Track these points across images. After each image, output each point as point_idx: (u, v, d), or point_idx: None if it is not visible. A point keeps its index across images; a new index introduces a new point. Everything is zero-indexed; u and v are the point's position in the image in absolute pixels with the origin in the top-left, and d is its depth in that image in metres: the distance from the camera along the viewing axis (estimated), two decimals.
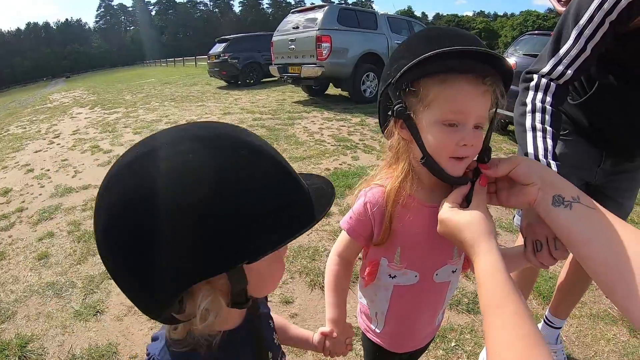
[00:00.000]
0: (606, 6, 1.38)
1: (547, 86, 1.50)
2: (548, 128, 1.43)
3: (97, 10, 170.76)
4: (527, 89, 1.55)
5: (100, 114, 12.24)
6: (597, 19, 1.41)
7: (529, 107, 1.50)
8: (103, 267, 3.53)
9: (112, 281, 3.34)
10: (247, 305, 0.83)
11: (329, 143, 7.58)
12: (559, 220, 0.99)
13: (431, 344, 2.73)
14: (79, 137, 8.94)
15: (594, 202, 0.99)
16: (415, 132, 1.04)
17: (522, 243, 1.16)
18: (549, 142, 1.40)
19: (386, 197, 1.17)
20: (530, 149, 1.39)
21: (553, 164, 1.34)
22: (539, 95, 1.50)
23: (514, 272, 2.44)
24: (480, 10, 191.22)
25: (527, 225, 1.16)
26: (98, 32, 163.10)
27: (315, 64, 10.95)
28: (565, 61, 1.50)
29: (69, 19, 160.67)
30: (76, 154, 7.55)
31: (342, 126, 8.97)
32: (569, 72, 1.50)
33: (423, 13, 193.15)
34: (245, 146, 0.75)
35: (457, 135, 1.01)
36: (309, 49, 11.10)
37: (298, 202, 0.78)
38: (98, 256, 3.73)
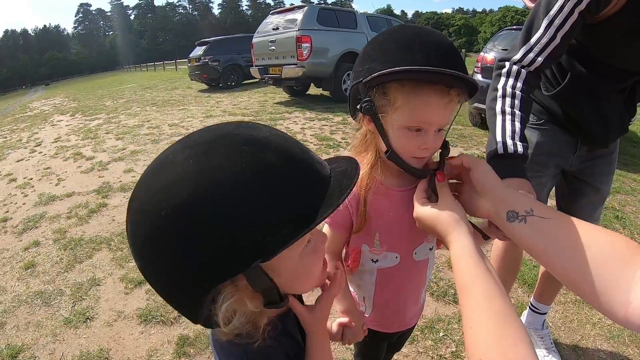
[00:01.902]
0: None
1: (518, 73, 1.56)
2: (517, 112, 1.49)
3: (76, 16, 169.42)
4: (499, 75, 1.61)
5: (82, 120, 12.18)
6: (566, 9, 1.47)
7: (499, 92, 1.56)
8: (91, 274, 3.60)
9: (100, 287, 3.42)
10: (283, 304, 0.82)
11: (311, 142, 7.63)
12: (516, 234, 1.03)
13: (420, 335, 2.79)
14: (61, 145, 8.90)
15: (549, 210, 1.02)
16: (381, 129, 1.11)
17: None
18: (517, 125, 1.46)
19: (358, 184, 1.21)
20: (499, 131, 1.44)
21: (519, 144, 1.39)
22: (510, 81, 1.55)
23: (498, 262, 2.50)
24: (459, 7, 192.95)
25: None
26: (77, 37, 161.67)
27: (296, 64, 10.98)
28: (536, 49, 1.56)
29: (47, 26, 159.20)
30: (59, 162, 7.52)
31: (324, 125, 9.03)
32: (540, 59, 1.56)
33: (402, 11, 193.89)
34: (247, 142, 0.73)
35: (419, 140, 1.08)
36: (289, 49, 11.12)
37: (311, 192, 0.76)
38: (85, 263, 3.81)
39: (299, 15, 11.32)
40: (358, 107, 1.10)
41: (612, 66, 1.75)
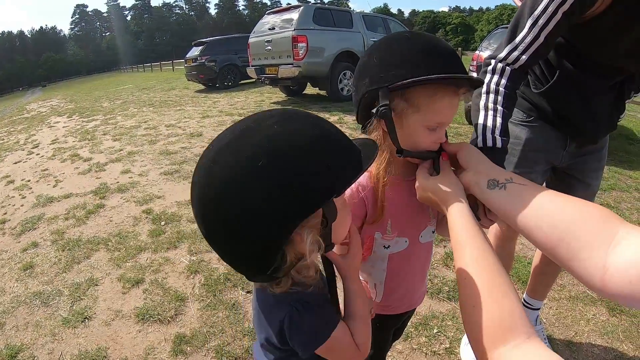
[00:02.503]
0: None
1: (503, 70, 1.59)
2: (499, 108, 1.52)
3: (72, 17, 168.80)
4: (485, 72, 1.64)
5: (79, 122, 12.19)
6: (550, 9, 1.50)
7: (484, 89, 1.59)
8: (89, 274, 3.59)
9: (98, 287, 3.43)
10: (332, 247, 1.01)
11: None
12: (495, 200, 1.12)
13: (414, 332, 2.83)
14: (58, 146, 8.92)
15: (527, 180, 1.11)
16: (393, 132, 1.17)
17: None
18: (499, 120, 1.49)
19: (374, 180, 1.33)
20: (480, 126, 1.49)
21: (499, 139, 1.43)
22: (495, 78, 1.58)
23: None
24: (456, 6, 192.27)
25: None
26: (73, 39, 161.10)
27: (292, 64, 11.01)
28: (521, 48, 1.60)
29: (44, 27, 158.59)
30: (56, 164, 7.54)
31: None
32: (524, 57, 1.59)
33: (399, 10, 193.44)
34: (308, 115, 0.93)
35: (434, 136, 1.21)
36: (285, 49, 11.15)
37: (355, 149, 0.95)
38: (83, 264, 3.80)
39: (294, 15, 11.35)
40: (374, 111, 1.16)
41: (600, 64, 1.78)
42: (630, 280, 0.80)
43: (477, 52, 8.70)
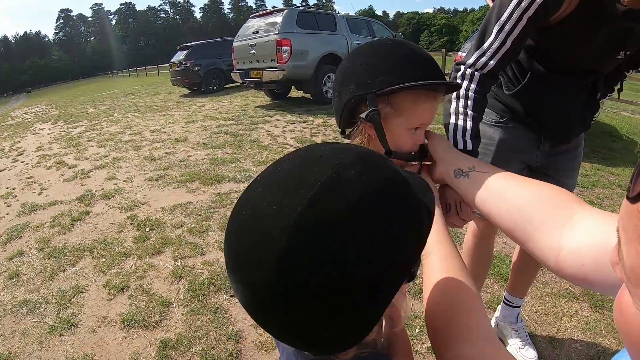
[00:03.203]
0: (523, 4, 1.52)
1: (472, 75, 1.63)
2: (469, 112, 1.58)
3: (57, 22, 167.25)
4: (455, 78, 1.69)
5: (64, 128, 12.12)
6: (515, 15, 1.55)
7: (454, 95, 1.63)
8: (74, 282, 3.61)
9: (84, 294, 3.45)
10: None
11: (291, 145, 7.69)
12: (461, 188, 1.20)
13: (408, 319, 2.86)
14: (43, 154, 8.88)
15: (489, 166, 1.18)
16: (382, 134, 1.22)
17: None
18: (469, 123, 1.55)
19: None
20: (451, 130, 1.54)
21: (469, 142, 1.49)
22: (465, 84, 1.62)
23: (469, 257, 2.58)
24: (441, 7, 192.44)
25: (441, 189, 1.37)
26: (58, 44, 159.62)
27: (276, 67, 11.05)
28: (488, 54, 1.64)
29: (28, 32, 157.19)
30: (41, 171, 7.51)
31: (305, 128, 9.10)
32: (492, 62, 1.63)
33: (384, 12, 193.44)
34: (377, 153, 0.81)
35: (416, 137, 1.26)
36: (269, 53, 11.20)
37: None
38: (69, 271, 3.82)
39: (278, 19, 11.42)
40: (363, 115, 1.21)
41: (570, 65, 1.83)
42: (583, 263, 0.84)
43: (459, 53, 8.78)
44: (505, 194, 1.08)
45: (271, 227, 0.62)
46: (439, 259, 1.04)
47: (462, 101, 1.62)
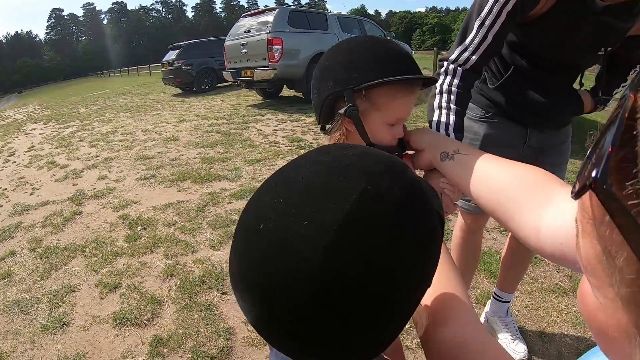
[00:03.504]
0: None
1: (455, 71, 1.66)
2: (452, 106, 1.61)
3: (48, 22, 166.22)
4: (439, 74, 1.72)
5: (55, 128, 12.08)
6: (495, 10, 1.59)
7: (437, 90, 1.66)
8: (66, 281, 3.62)
9: (76, 293, 3.46)
10: None
11: (283, 144, 7.71)
12: (448, 170, 1.22)
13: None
14: (35, 154, 8.85)
15: (476, 150, 1.20)
16: (362, 129, 1.24)
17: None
18: (452, 117, 1.58)
19: None
20: (434, 125, 1.57)
21: (452, 135, 1.53)
22: (448, 79, 1.66)
23: (458, 252, 2.60)
24: (433, 6, 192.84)
25: (424, 178, 1.38)
26: (49, 44, 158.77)
27: (267, 66, 11.05)
28: (470, 49, 1.67)
29: (19, 32, 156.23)
30: (32, 171, 7.50)
31: (297, 127, 9.11)
32: (474, 57, 1.66)
33: (376, 10, 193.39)
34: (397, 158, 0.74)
35: (394, 132, 1.27)
36: (260, 52, 11.20)
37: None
38: (61, 271, 3.84)
39: (270, 18, 11.43)
40: (342, 111, 1.22)
41: (551, 60, 1.87)
42: (561, 242, 0.85)
43: (449, 52, 8.81)
44: (489, 175, 1.10)
45: (305, 247, 0.56)
46: None
47: (445, 96, 1.65)
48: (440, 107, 1.63)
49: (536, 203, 0.96)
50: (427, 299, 0.95)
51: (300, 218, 0.58)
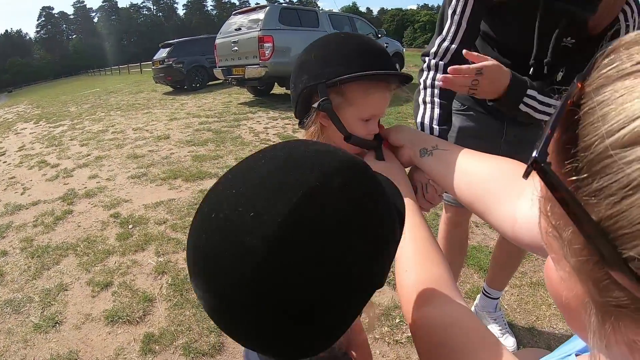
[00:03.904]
0: None
1: (436, 65, 1.71)
2: (436, 100, 1.65)
3: (38, 20, 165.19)
4: (422, 70, 1.76)
5: (46, 127, 12.03)
6: None
7: (421, 86, 1.72)
8: (58, 280, 3.63)
9: (68, 292, 3.47)
10: None
11: (274, 142, 7.62)
12: (426, 166, 1.25)
13: (377, 322, 2.91)
14: (25, 153, 8.82)
15: (451, 144, 1.24)
16: (337, 120, 1.26)
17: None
18: (436, 111, 1.62)
19: None
20: (419, 119, 1.62)
21: (436, 127, 1.57)
22: (431, 74, 1.70)
23: (444, 244, 2.62)
24: (425, 4, 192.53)
25: (409, 174, 1.42)
26: (39, 42, 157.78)
27: (258, 64, 11.06)
28: (449, 38, 1.72)
29: (9, 31, 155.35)
30: (23, 171, 7.48)
31: (287, 124, 9.14)
32: (453, 46, 1.71)
33: (368, 8, 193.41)
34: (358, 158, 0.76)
35: (368, 127, 1.30)
36: (251, 49, 11.22)
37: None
38: (52, 270, 3.84)
39: (260, 15, 11.44)
40: (316, 105, 1.25)
41: (515, 49, 1.87)
42: (537, 232, 0.88)
43: None
44: (466, 169, 1.13)
45: (249, 237, 0.58)
46: (408, 227, 1.03)
47: (429, 90, 1.69)
48: (425, 102, 1.67)
49: (511, 194, 0.99)
50: (412, 280, 0.97)
51: (248, 210, 0.59)
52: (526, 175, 0.39)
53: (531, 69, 1.77)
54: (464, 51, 1.41)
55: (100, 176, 6.61)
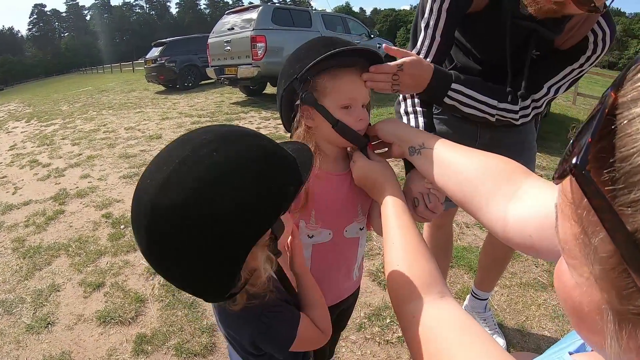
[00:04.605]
0: None
1: None
2: (418, 109, 1.67)
3: (30, 17, 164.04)
4: None
5: (37, 126, 11.98)
6: (434, 10, 1.65)
7: (401, 97, 1.74)
8: (50, 281, 3.62)
9: (60, 293, 3.48)
10: (280, 255, 1.04)
11: None
12: (417, 164, 1.27)
13: (367, 322, 2.92)
14: (17, 153, 8.80)
15: (440, 142, 1.24)
16: (323, 109, 1.30)
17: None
18: (421, 119, 1.65)
19: None
20: None
21: None
22: None
23: (430, 245, 2.64)
24: (418, 4, 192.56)
25: (405, 186, 1.43)
26: (31, 40, 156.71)
27: (251, 64, 11.06)
28: (423, 51, 1.74)
29: (1, 28, 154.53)
30: (15, 170, 7.46)
31: (279, 125, 9.05)
32: (428, 59, 1.72)
33: (361, 8, 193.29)
34: (248, 134, 0.97)
35: (354, 114, 1.33)
36: (244, 49, 11.22)
37: (291, 160, 0.99)
38: (44, 270, 3.82)
39: (253, 15, 11.43)
40: (298, 101, 1.31)
41: (484, 59, 1.90)
42: (530, 234, 0.91)
43: None
44: (455, 167, 1.15)
45: (145, 197, 0.84)
46: (397, 225, 1.11)
47: (409, 101, 1.72)
48: (407, 113, 1.69)
49: (503, 195, 1.01)
50: (402, 275, 0.99)
51: (148, 178, 0.86)
52: (558, 180, 0.41)
53: (498, 76, 1.79)
54: (384, 45, 1.44)
55: (92, 176, 6.60)
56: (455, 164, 1.16)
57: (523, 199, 0.97)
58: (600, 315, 0.40)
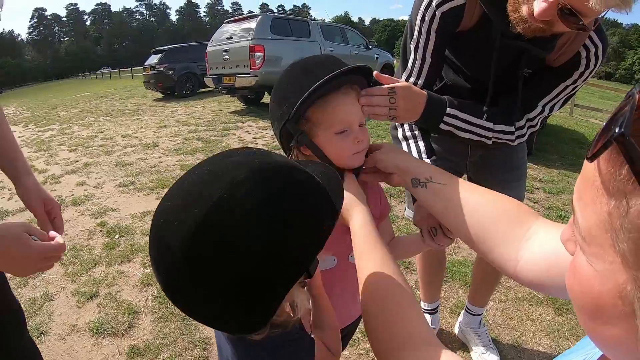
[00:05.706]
0: (426, 18, 1.62)
1: None
2: (416, 132, 1.66)
3: (30, 21, 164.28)
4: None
5: (35, 131, 11.94)
6: (424, 31, 1.65)
7: (396, 122, 1.72)
8: (44, 290, 3.60)
9: (53, 302, 3.45)
10: (306, 285, 1.05)
11: None
12: (420, 197, 1.26)
13: (361, 337, 2.92)
14: None
15: (446, 176, 1.23)
16: (317, 150, 1.29)
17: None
18: (420, 143, 1.64)
19: None
20: None
21: (427, 160, 1.57)
22: None
23: (424, 259, 2.65)
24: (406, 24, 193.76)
25: (421, 218, 1.41)
26: (31, 43, 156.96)
27: (249, 73, 11.09)
28: (414, 73, 1.73)
29: (1, 31, 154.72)
30: None
31: None
32: (420, 81, 1.72)
33: (360, 18, 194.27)
34: (286, 165, 0.87)
35: (350, 137, 1.28)
36: (242, 58, 11.25)
37: (325, 193, 0.90)
38: (38, 279, 3.79)
39: (252, 25, 11.47)
40: (292, 144, 1.29)
41: (472, 76, 1.91)
42: (539, 272, 0.93)
43: None
44: (465, 207, 1.14)
45: (172, 241, 0.75)
46: (373, 265, 1.07)
47: (406, 126, 1.70)
48: (406, 138, 1.68)
49: (513, 237, 1.02)
50: (384, 316, 0.97)
51: (173, 218, 0.76)
52: (595, 155, 0.41)
53: (488, 95, 1.79)
54: (375, 73, 1.39)
55: (88, 183, 6.57)
56: (465, 203, 1.15)
57: (532, 240, 0.99)
58: (622, 300, 0.41)
